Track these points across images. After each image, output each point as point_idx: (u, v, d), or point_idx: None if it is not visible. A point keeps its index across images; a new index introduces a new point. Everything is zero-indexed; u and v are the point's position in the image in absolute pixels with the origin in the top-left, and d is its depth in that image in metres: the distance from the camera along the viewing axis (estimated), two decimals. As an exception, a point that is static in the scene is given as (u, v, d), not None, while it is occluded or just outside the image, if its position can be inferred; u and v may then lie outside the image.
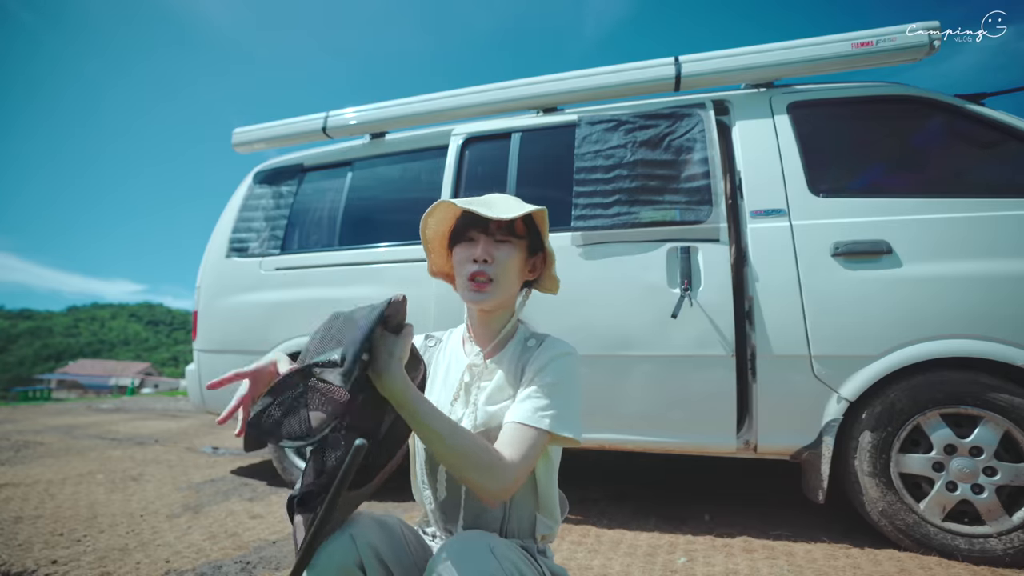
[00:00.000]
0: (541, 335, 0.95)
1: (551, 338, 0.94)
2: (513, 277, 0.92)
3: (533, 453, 0.79)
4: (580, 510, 2.23)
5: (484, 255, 0.89)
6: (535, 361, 0.89)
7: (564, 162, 2.23)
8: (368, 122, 2.64)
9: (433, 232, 0.98)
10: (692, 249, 1.96)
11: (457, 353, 1.00)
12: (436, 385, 0.99)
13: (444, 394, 0.96)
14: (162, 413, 6.26)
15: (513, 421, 0.82)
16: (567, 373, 0.87)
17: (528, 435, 0.80)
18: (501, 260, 0.90)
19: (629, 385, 1.97)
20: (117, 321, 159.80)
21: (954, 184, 1.91)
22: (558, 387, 0.85)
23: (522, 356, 0.92)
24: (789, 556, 1.70)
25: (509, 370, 0.91)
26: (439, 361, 1.02)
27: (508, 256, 0.91)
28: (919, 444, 1.73)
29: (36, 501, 2.32)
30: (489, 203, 0.90)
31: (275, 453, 2.60)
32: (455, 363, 0.99)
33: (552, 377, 0.85)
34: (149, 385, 43.87)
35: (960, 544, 1.62)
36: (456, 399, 0.93)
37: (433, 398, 0.96)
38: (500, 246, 0.91)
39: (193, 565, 1.67)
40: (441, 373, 1.00)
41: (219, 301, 2.75)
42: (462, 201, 0.88)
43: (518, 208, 0.88)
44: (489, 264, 0.89)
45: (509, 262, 0.91)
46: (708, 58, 2.18)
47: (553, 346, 0.91)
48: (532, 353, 0.91)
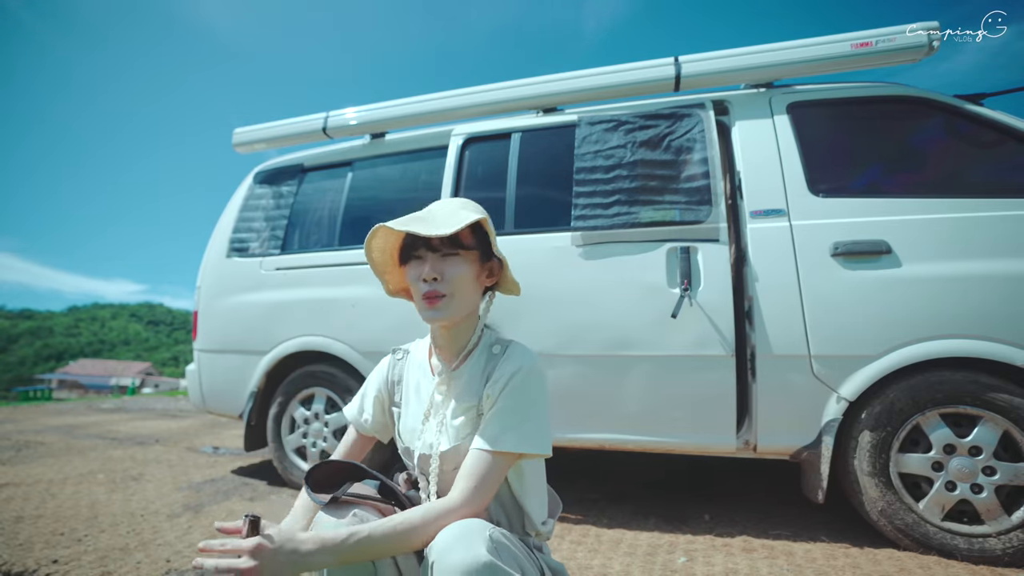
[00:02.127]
0: (505, 341, 0.95)
1: (514, 344, 0.93)
2: (468, 289, 0.90)
3: (494, 477, 0.81)
4: (580, 510, 2.23)
5: (432, 273, 0.87)
6: (496, 374, 0.88)
7: (564, 162, 2.23)
8: (368, 122, 2.65)
9: (380, 255, 0.97)
10: (692, 249, 1.96)
11: (424, 368, 1.00)
12: (410, 403, 0.98)
13: (417, 411, 0.96)
14: (162, 413, 6.26)
15: (475, 448, 0.83)
16: (528, 389, 0.87)
17: (488, 461, 0.81)
18: (451, 275, 0.88)
19: (629, 385, 1.98)
20: (117, 321, 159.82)
21: (954, 184, 1.91)
22: (519, 405, 0.85)
23: (487, 364, 0.92)
24: (789, 556, 1.70)
25: (474, 378, 0.92)
26: (409, 376, 1.01)
27: (458, 270, 0.88)
28: (918, 444, 1.73)
29: (37, 501, 2.33)
30: (429, 217, 0.87)
31: (275, 453, 2.60)
32: (424, 379, 0.98)
33: (513, 396, 0.86)
34: (150, 385, 43.89)
35: (959, 543, 1.62)
36: (428, 417, 0.93)
37: (408, 415, 0.98)
38: (448, 260, 0.88)
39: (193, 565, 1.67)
40: (412, 390, 0.99)
41: (219, 301, 2.75)
42: (397, 222, 0.85)
43: (457, 219, 0.84)
44: (439, 281, 0.87)
45: (460, 276, 0.88)
46: (708, 58, 2.18)
47: (514, 358, 0.89)
48: (497, 361, 0.91)
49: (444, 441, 0.89)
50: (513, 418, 0.84)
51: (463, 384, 0.92)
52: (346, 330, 2.42)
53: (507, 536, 0.75)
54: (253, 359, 2.61)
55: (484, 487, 0.80)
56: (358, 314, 2.40)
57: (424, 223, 0.85)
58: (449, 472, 0.88)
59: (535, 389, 0.88)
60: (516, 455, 0.83)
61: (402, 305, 2.33)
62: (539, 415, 0.87)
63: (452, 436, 0.89)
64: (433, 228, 0.83)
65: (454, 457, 0.88)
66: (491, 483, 0.81)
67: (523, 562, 0.75)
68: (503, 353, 0.92)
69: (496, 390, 0.86)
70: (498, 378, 0.87)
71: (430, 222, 0.86)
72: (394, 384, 1.03)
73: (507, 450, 0.82)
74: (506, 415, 0.84)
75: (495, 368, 0.90)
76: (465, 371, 0.93)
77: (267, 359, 2.57)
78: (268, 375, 2.59)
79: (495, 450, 0.81)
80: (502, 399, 0.86)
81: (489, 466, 0.81)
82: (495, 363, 0.91)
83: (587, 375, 2.01)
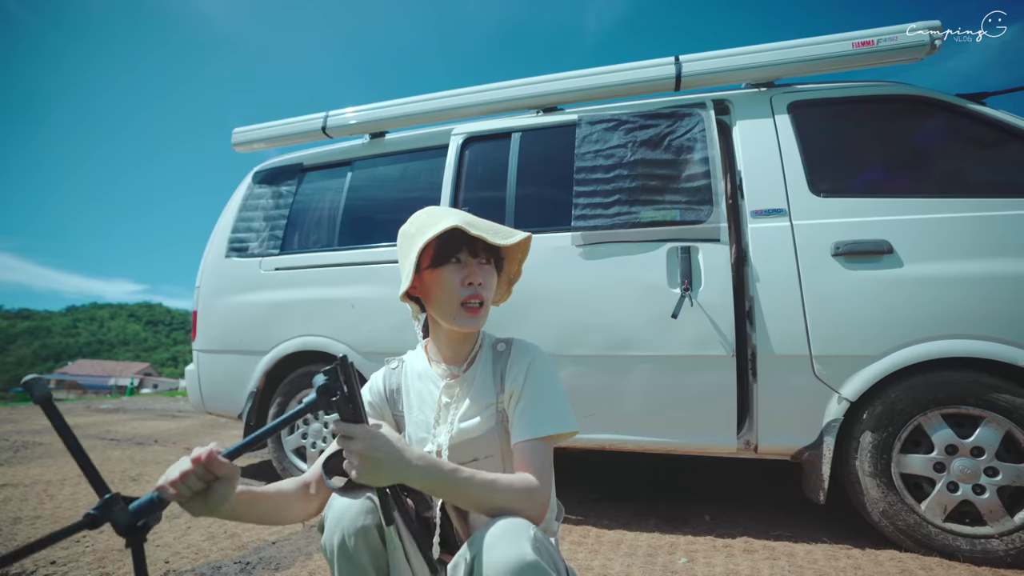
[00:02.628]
0: (506, 339, 0.97)
1: (516, 341, 0.96)
2: (492, 298, 0.94)
3: (550, 461, 0.84)
4: (580, 510, 2.22)
5: (480, 278, 0.88)
6: (512, 370, 0.91)
7: (564, 162, 2.23)
8: (368, 122, 2.64)
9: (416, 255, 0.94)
10: (692, 249, 1.96)
11: (428, 375, 0.98)
12: (414, 411, 0.97)
13: (423, 417, 0.95)
14: (161, 413, 6.24)
15: (523, 440, 0.85)
16: (545, 373, 0.91)
17: (540, 448, 0.84)
18: (488, 283, 0.91)
19: (629, 385, 1.97)
20: (116, 321, 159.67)
21: (955, 184, 1.91)
22: (545, 391, 0.89)
23: (496, 363, 0.94)
24: (790, 556, 1.69)
25: (486, 379, 0.93)
26: (408, 386, 1.00)
27: (493, 279, 0.92)
28: (920, 444, 1.72)
29: (35, 501, 2.32)
30: (475, 226, 0.87)
31: (275, 453, 2.60)
32: (428, 387, 0.97)
33: (536, 383, 0.89)
34: (148, 385, 43.84)
35: (961, 545, 1.62)
36: (437, 422, 0.93)
37: (411, 422, 0.96)
38: (484, 268, 0.91)
39: (192, 566, 1.66)
40: (415, 398, 0.98)
41: (219, 301, 2.75)
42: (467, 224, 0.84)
43: (508, 233, 0.89)
44: (483, 287, 0.89)
45: (494, 284, 0.93)
46: (708, 58, 2.18)
47: (523, 351, 0.93)
48: (506, 359, 0.93)
49: (458, 439, 0.90)
50: (542, 404, 0.87)
51: (476, 385, 0.93)
52: (345, 330, 2.41)
53: (544, 536, 0.75)
54: (252, 359, 2.60)
55: (547, 472, 0.82)
56: (357, 314, 2.39)
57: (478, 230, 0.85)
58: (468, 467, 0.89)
59: (549, 374, 0.91)
60: (557, 436, 0.86)
61: (402, 305, 2.33)
62: (561, 397, 0.90)
63: (457, 434, 0.90)
64: (500, 238, 0.86)
65: (472, 451, 0.90)
66: (549, 468, 0.83)
67: (558, 562, 0.76)
68: (508, 350, 0.95)
69: (519, 383, 0.89)
70: (516, 373, 0.90)
71: (484, 230, 0.86)
72: (394, 393, 1.01)
73: (551, 433, 0.84)
74: (537, 403, 0.87)
75: (507, 365, 0.92)
76: (475, 372, 0.94)
77: (266, 359, 2.56)
78: (267, 375, 2.58)
79: (542, 436, 0.84)
80: (527, 390, 0.88)
81: (543, 452, 0.84)
82: (504, 360, 0.93)
83: (587, 375, 2.01)
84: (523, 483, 0.79)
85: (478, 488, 0.75)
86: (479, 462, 0.89)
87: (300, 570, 1.64)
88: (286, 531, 1.99)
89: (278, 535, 1.95)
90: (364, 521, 0.78)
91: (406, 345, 2.32)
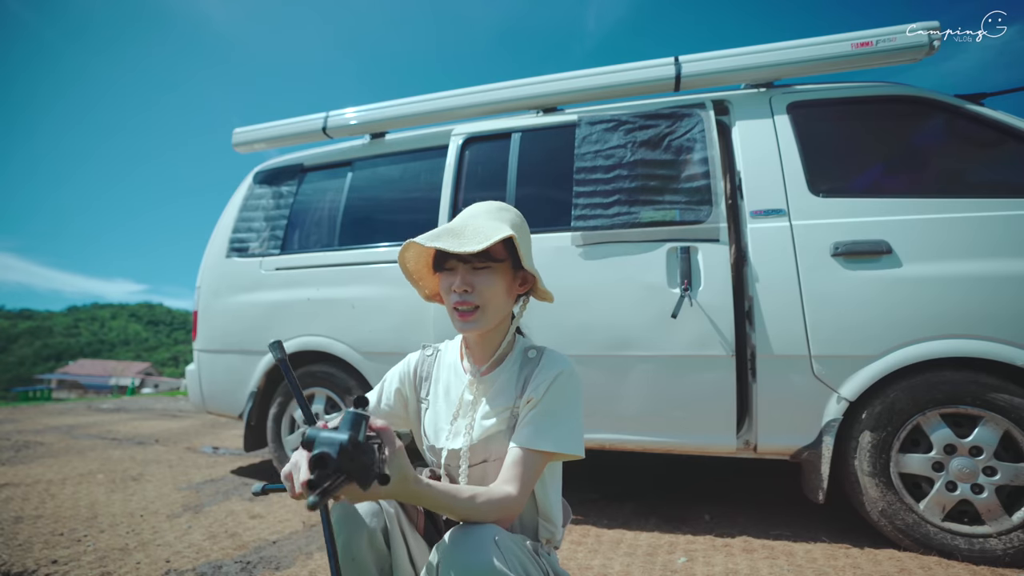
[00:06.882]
0: (540, 347, 0.96)
1: (549, 351, 0.94)
2: (499, 299, 0.90)
3: (533, 474, 0.83)
4: (580, 510, 2.23)
5: (463, 286, 0.87)
6: (537, 379, 0.90)
7: (564, 162, 2.23)
8: (368, 122, 2.64)
9: (414, 264, 0.98)
10: (692, 249, 1.96)
11: (456, 369, 1.00)
12: (439, 401, 0.99)
13: (446, 411, 0.96)
14: (162, 413, 6.25)
15: (516, 445, 0.85)
16: (568, 391, 0.89)
17: (529, 458, 0.83)
18: (483, 286, 0.88)
19: (629, 385, 1.97)
20: (117, 321, 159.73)
21: (954, 184, 1.91)
22: (561, 407, 0.88)
23: (523, 368, 0.93)
24: (789, 556, 1.70)
25: (509, 382, 0.92)
26: (438, 375, 1.02)
27: (489, 282, 0.88)
28: (919, 444, 1.73)
29: (36, 501, 2.32)
30: (461, 230, 0.87)
31: (275, 453, 2.60)
32: (455, 380, 0.99)
33: (555, 397, 0.88)
34: (149, 385, 43.86)
35: (960, 544, 1.62)
36: (456, 417, 0.94)
37: (436, 413, 0.98)
38: (479, 272, 0.89)
39: (193, 565, 1.67)
40: (442, 389, 1.00)
41: (219, 301, 2.75)
42: (427, 237, 0.85)
43: (486, 235, 0.84)
44: (470, 293, 0.88)
45: (491, 287, 0.88)
46: (708, 58, 2.18)
47: (553, 363, 0.91)
48: (534, 366, 0.92)
49: (474, 439, 0.90)
50: (551, 419, 0.86)
51: (498, 387, 0.93)
52: (346, 330, 2.41)
53: (513, 540, 0.76)
54: (253, 359, 2.61)
55: (527, 482, 0.82)
56: (358, 314, 2.39)
57: (455, 237, 0.85)
58: (476, 468, 0.90)
59: (572, 393, 0.90)
60: (552, 454, 0.85)
61: (402, 305, 2.35)
62: (575, 418, 0.89)
63: (479, 433, 0.90)
64: (461, 244, 0.83)
65: (483, 453, 0.90)
66: (532, 478, 0.83)
67: (528, 567, 0.76)
68: (539, 358, 0.93)
69: (539, 393, 0.88)
70: (539, 383, 0.89)
71: (461, 236, 0.85)
72: (422, 379, 1.03)
73: (546, 449, 0.84)
74: (546, 417, 0.86)
75: (532, 373, 0.91)
76: (500, 375, 0.94)
77: (267, 359, 2.57)
78: (268, 375, 2.59)
79: (535, 449, 0.84)
80: (545, 401, 0.87)
81: (532, 465, 0.83)
82: (532, 368, 0.92)
83: (587, 375, 2.01)
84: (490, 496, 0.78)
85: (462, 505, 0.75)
86: (488, 464, 0.90)
87: (300, 569, 1.65)
88: (287, 530, 2.00)
89: (279, 535, 1.96)
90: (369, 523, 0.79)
91: (407, 345, 2.32)
